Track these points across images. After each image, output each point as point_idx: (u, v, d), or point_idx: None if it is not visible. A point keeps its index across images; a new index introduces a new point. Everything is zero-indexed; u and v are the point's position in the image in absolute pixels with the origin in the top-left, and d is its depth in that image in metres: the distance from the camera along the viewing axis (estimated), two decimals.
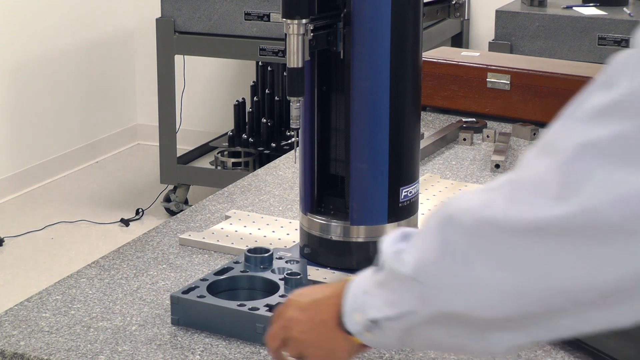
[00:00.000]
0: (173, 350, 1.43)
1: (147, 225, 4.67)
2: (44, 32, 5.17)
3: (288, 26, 1.53)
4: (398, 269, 1.08)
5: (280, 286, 1.52)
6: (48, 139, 5.26)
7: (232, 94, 5.52)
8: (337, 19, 1.58)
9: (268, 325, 1.30)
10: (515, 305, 0.99)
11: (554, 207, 0.92)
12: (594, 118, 0.91)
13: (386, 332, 1.13)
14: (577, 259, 0.92)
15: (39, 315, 1.53)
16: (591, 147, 0.90)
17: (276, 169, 2.19)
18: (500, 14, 4.36)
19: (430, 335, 1.10)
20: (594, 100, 0.91)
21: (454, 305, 1.03)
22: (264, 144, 4.89)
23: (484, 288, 1.00)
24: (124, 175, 5.41)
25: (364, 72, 1.58)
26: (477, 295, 1.00)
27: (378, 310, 1.12)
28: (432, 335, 1.10)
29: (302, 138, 1.65)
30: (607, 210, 0.89)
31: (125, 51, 5.76)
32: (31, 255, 4.43)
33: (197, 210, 1.95)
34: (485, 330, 1.04)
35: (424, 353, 1.43)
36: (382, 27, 1.56)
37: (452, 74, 2.54)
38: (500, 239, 0.97)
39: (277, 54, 4.39)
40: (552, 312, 0.98)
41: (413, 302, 1.07)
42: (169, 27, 4.55)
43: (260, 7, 4.41)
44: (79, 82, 5.46)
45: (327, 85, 1.65)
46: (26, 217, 4.80)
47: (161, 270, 1.69)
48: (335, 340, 1.21)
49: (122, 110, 5.80)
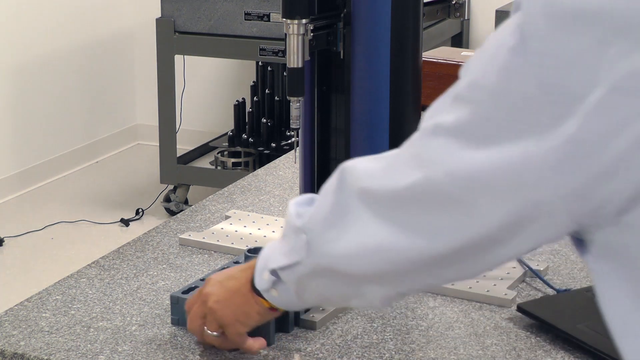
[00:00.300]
0: (173, 350, 1.43)
1: (147, 225, 4.67)
2: (44, 33, 5.17)
3: (288, 26, 1.53)
4: (294, 222, 1.20)
5: None
6: (48, 139, 5.26)
7: (232, 94, 5.52)
8: (337, 19, 1.58)
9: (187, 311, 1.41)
10: (380, 264, 1.11)
11: (409, 177, 1.04)
12: (447, 103, 1.02)
13: (286, 286, 1.26)
14: (425, 223, 1.04)
15: (39, 315, 1.53)
16: (441, 128, 1.01)
17: (276, 169, 2.19)
18: (500, 14, 4.36)
19: (317, 288, 1.22)
20: (452, 88, 1.03)
21: (330, 258, 1.16)
22: (264, 144, 4.89)
23: (355, 246, 1.11)
24: (124, 175, 5.41)
25: (364, 72, 1.58)
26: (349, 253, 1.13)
27: (276, 261, 1.25)
28: (318, 287, 1.21)
29: (302, 138, 1.65)
30: (447, 183, 1.00)
31: (125, 51, 5.75)
32: (31, 255, 4.43)
33: (197, 210, 1.95)
34: (360, 284, 1.16)
35: (424, 353, 1.43)
36: (382, 27, 1.56)
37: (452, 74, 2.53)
38: (373, 204, 1.09)
39: (277, 54, 4.39)
40: (409, 270, 1.09)
41: (302, 252, 1.19)
42: (169, 27, 4.55)
43: (260, 7, 4.41)
44: (79, 82, 5.46)
45: (327, 85, 1.64)
46: (26, 217, 4.80)
47: (161, 270, 1.69)
48: (248, 304, 1.33)
49: (122, 110, 5.80)
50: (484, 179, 0.97)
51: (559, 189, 0.93)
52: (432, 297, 1.59)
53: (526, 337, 1.48)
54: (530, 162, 0.93)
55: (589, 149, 0.90)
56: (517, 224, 0.98)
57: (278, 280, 1.27)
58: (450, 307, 1.57)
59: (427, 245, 1.05)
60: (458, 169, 0.99)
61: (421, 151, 1.03)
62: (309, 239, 1.18)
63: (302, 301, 1.28)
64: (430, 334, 1.49)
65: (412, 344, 1.46)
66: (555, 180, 0.93)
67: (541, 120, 0.92)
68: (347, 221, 1.12)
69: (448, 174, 1.00)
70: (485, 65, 0.97)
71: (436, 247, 1.04)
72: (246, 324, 1.36)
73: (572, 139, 0.90)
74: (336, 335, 1.48)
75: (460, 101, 1.00)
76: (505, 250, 1.02)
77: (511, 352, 1.44)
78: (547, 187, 0.94)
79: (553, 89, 0.91)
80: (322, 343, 1.46)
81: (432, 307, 1.57)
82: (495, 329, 1.50)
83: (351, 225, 1.11)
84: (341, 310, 1.53)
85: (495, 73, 0.95)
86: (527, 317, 1.51)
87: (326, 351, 1.44)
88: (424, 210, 1.04)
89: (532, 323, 1.50)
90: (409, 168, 1.04)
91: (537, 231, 0.98)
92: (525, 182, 0.95)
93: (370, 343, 1.46)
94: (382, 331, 1.49)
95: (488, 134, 0.96)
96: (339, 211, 1.13)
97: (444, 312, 1.55)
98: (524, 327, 1.50)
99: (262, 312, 1.34)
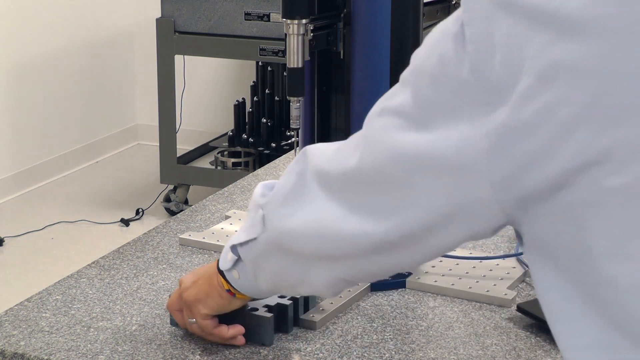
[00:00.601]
0: (173, 350, 1.43)
1: (147, 225, 4.67)
2: (44, 32, 5.17)
3: (288, 26, 1.53)
4: (257, 200, 1.24)
5: None
6: (48, 139, 5.26)
7: (232, 94, 5.52)
8: (337, 19, 1.58)
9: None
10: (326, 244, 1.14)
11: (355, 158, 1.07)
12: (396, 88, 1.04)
13: (245, 267, 1.30)
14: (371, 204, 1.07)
15: (39, 315, 1.53)
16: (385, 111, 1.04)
17: (276, 169, 2.19)
18: None
19: (270, 267, 1.25)
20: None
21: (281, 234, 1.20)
22: (264, 144, 4.89)
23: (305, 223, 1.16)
24: (124, 175, 5.41)
25: (364, 72, 1.58)
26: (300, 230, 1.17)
27: (237, 238, 1.28)
28: (272, 266, 1.25)
29: (302, 138, 1.65)
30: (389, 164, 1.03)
31: (125, 51, 5.75)
32: (31, 255, 4.43)
33: (197, 210, 1.95)
34: (307, 265, 1.20)
35: (424, 353, 1.43)
36: (382, 27, 1.56)
37: None
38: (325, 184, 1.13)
39: (277, 54, 4.39)
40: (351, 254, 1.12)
41: (258, 228, 1.24)
42: (169, 27, 4.55)
43: (260, 7, 4.41)
44: (79, 82, 5.46)
45: (327, 85, 1.65)
46: (26, 217, 4.80)
47: (161, 270, 1.69)
48: (210, 284, 1.37)
49: (122, 110, 5.80)
50: (423, 161, 0.99)
51: (490, 175, 0.95)
52: (432, 297, 1.59)
53: (526, 337, 1.48)
54: (466, 146, 0.95)
55: (518, 136, 0.92)
56: (453, 210, 1.00)
57: (239, 259, 1.30)
58: (450, 307, 1.57)
59: (370, 228, 1.07)
60: (400, 150, 1.01)
61: (367, 133, 1.06)
62: (265, 213, 1.22)
63: (258, 283, 1.31)
64: (430, 334, 1.49)
65: (412, 344, 1.46)
66: (488, 166, 0.94)
67: (475, 105, 0.94)
68: (303, 199, 1.16)
69: (389, 156, 1.02)
70: (428, 51, 0.99)
71: (379, 230, 1.06)
72: (207, 305, 1.38)
73: (502, 125, 0.92)
74: (336, 335, 1.48)
75: (404, 85, 1.02)
76: (439, 240, 1.04)
77: (511, 352, 1.44)
78: (480, 172, 0.95)
79: (484, 75, 0.93)
80: (322, 343, 1.46)
81: (432, 307, 1.57)
82: (495, 329, 1.50)
83: (306, 204, 1.15)
84: (341, 310, 1.53)
85: (435, 58, 0.97)
86: (527, 317, 1.51)
87: (326, 351, 1.44)
88: (369, 192, 1.06)
89: (532, 323, 1.50)
90: (356, 150, 1.07)
91: (471, 220, 1.00)
92: (461, 166, 0.96)
93: (370, 343, 1.46)
94: (382, 331, 1.49)
95: (427, 117, 0.99)
96: (297, 190, 1.17)
97: (444, 312, 1.55)
98: (524, 327, 1.50)
99: (223, 294, 1.37)
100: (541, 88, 0.90)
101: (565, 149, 0.90)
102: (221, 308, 1.39)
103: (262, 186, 1.27)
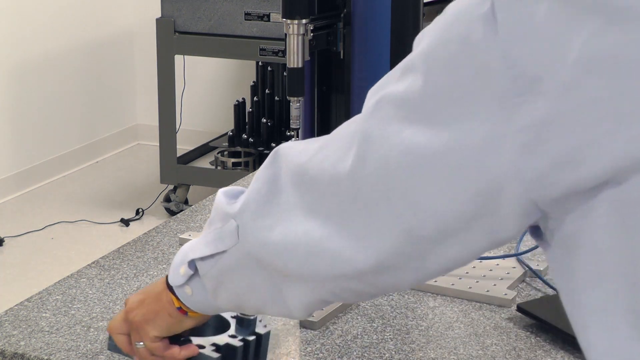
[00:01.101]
0: None
1: (147, 225, 4.67)
2: (44, 32, 5.17)
3: (288, 26, 1.53)
4: (225, 209, 1.09)
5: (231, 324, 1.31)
6: (48, 139, 5.26)
7: (232, 94, 5.52)
8: (337, 19, 1.58)
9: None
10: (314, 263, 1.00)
11: (347, 161, 0.94)
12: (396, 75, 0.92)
13: (201, 283, 1.14)
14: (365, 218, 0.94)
15: (39, 315, 1.53)
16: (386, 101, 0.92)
17: None
18: None
19: (238, 283, 1.10)
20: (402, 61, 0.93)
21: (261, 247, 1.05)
22: (264, 144, 4.89)
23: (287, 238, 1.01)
24: (124, 175, 5.41)
25: (364, 72, 1.58)
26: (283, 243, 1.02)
27: (198, 252, 1.13)
28: (240, 281, 1.10)
29: (302, 138, 1.65)
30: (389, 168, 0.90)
31: (125, 51, 5.76)
32: (31, 255, 4.43)
33: (197, 210, 1.95)
34: (283, 284, 1.05)
35: (424, 353, 1.43)
36: (382, 27, 1.56)
37: None
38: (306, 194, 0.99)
39: (277, 54, 4.39)
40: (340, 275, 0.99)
41: (230, 240, 1.08)
42: (169, 27, 4.55)
43: (260, 7, 4.41)
44: (79, 82, 5.46)
45: (327, 85, 1.65)
46: (26, 217, 4.80)
47: (161, 270, 1.69)
48: (158, 302, 1.21)
49: (122, 110, 5.80)
50: (437, 162, 0.87)
51: (523, 173, 0.84)
52: (432, 297, 1.60)
53: (526, 337, 1.48)
54: (494, 143, 0.84)
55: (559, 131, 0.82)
56: (473, 215, 0.88)
57: (195, 274, 1.15)
58: (450, 307, 1.57)
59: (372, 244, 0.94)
60: (407, 150, 0.89)
61: (363, 128, 0.94)
62: (240, 225, 1.07)
63: (217, 301, 1.16)
64: (430, 334, 1.49)
65: (412, 344, 1.46)
66: (521, 164, 0.84)
67: (505, 97, 0.84)
68: (282, 210, 1.02)
69: (393, 157, 0.90)
70: (443, 34, 0.87)
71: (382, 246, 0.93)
72: (156, 325, 1.21)
73: (540, 119, 0.83)
74: (336, 335, 1.48)
75: (409, 71, 0.90)
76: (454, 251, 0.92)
77: (511, 352, 1.44)
78: (510, 171, 0.85)
79: (518, 62, 0.83)
80: (322, 343, 1.46)
81: (432, 307, 1.57)
82: (495, 329, 1.50)
83: (286, 215, 1.01)
84: (341, 310, 1.53)
85: (456, 42, 0.86)
86: (527, 317, 1.51)
87: (326, 351, 1.44)
88: (367, 202, 0.93)
89: (532, 323, 1.50)
90: (349, 149, 0.95)
91: (494, 224, 0.89)
92: (485, 166, 0.86)
93: (370, 343, 1.46)
94: (382, 331, 1.49)
95: (442, 110, 0.87)
96: (272, 198, 1.03)
97: (444, 312, 1.55)
98: (524, 327, 1.50)
99: (172, 312, 1.20)
100: (587, 80, 0.81)
101: (615, 144, 0.81)
102: (171, 328, 1.22)
103: (224, 194, 1.12)
